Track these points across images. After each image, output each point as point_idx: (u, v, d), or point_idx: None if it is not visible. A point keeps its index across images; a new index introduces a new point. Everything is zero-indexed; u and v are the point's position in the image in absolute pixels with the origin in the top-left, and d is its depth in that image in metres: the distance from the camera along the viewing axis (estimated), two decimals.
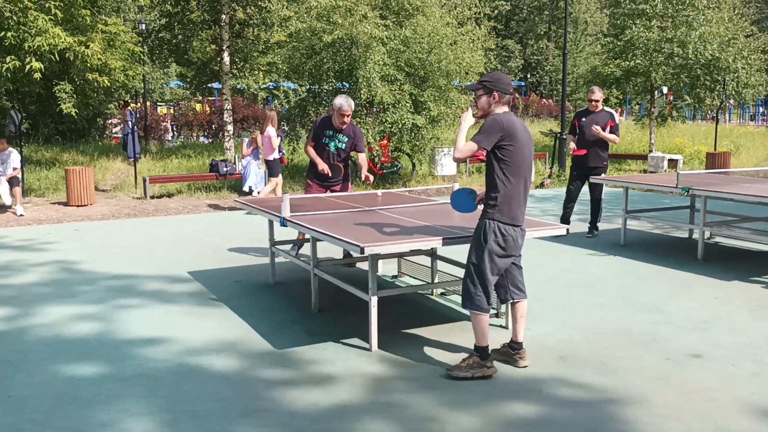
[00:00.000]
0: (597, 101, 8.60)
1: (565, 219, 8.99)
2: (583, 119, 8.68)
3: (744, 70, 17.19)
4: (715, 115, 19.79)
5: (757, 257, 7.73)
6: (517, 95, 33.91)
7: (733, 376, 4.27)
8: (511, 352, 4.49)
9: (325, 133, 7.02)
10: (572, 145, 8.83)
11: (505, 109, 4.20)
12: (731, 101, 23.64)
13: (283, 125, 14.75)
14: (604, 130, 8.52)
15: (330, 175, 7.01)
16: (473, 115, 4.30)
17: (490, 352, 4.30)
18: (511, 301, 4.47)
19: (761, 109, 37.32)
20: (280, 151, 11.80)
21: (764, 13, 53.58)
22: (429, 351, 4.74)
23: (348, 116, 6.89)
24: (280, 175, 11.72)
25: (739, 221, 8.22)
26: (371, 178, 6.97)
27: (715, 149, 17.99)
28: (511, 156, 4.09)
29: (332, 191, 7.16)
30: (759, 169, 10.17)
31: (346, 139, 7.05)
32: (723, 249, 8.16)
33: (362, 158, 7.13)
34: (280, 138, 11.80)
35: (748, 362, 4.51)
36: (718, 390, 4.06)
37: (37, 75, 12.25)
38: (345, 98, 6.86)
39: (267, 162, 11.58)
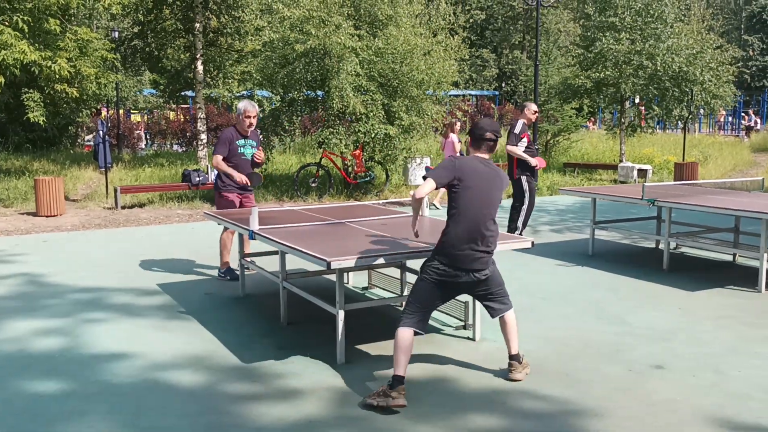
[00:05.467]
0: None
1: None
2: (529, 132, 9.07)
3: (711, 81, 17.52)
4: (683, 125, 20.12)
5: (720, 267, 7.88)
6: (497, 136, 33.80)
7: (694, 387, 4.35)
8: (508, 365, 4.48)
9: (237, 143, 7.12)
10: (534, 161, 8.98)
11: (481, 154, 4.21)
12: (701, 111, 24.04)
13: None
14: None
15: (250, 183, 7.10)
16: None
17: (402, 380, 4.01)
18: (497, 317, 4.42)
19: (730, 119, 38.01)
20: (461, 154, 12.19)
21: (732, 24, 54.64)
22: None
23: (254, 117, 7.03)
24: None
25: (705, 232, 8.37)
26: (262, 155, 7.24)
27: (683, 159, 18.31)
28: (457, 200, 4.07)
29: (246, 200, 7.23)
30: (725, 180, 10.37)
31: (254, 143, 7.23)
32: (688, 259, 8.31)
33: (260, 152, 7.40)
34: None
35: (709, 373, 4.60)
36: (679, 401, 4.14)
37: None
38: (248, 101, 7.06)
39: None
